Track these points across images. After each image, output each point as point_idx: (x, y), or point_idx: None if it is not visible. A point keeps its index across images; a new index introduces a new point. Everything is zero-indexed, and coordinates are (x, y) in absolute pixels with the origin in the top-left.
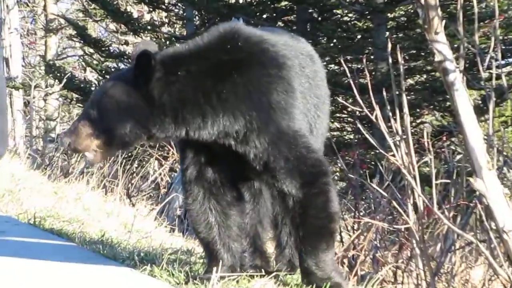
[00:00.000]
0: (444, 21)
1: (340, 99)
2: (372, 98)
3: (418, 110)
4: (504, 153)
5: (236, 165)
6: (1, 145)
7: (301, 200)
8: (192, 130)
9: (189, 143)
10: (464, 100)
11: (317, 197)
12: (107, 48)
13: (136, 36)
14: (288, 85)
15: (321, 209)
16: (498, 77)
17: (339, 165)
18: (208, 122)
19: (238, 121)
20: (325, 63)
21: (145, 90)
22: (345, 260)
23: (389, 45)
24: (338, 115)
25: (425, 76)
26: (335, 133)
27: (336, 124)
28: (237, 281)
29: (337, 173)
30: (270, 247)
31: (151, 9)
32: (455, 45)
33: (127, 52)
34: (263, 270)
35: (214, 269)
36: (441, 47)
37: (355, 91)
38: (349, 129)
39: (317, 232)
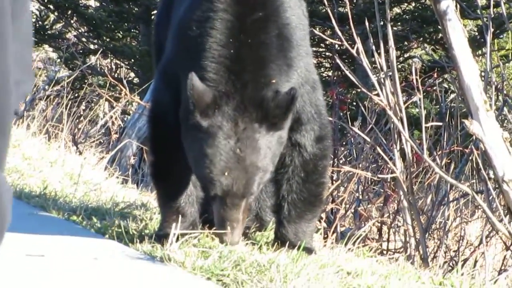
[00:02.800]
0: None
1: (316, 31)
2: (353, 30)
3: (405, 43)
4: (504, 92)
5: None
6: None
7: (309, 160)
8: None
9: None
10: (457, 31)
11: (321, 159)
12: None
13: None
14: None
15: (320, 174)
16: (497, 4)
17: None
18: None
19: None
20: None
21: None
22: (323, 215)
23: None
24: (314, 49)
25: (413, 4)
26: None
27: (313, 60)
28: (199, 239)
29: None
30: None
31: None
32: None
33: None
34: None
35: (174, 225)
36: None
37: (333, 21)
38: (327, 65)
39: (309, 200)
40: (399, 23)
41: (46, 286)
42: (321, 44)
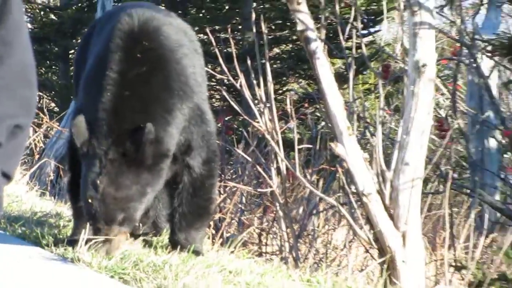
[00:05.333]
0: None
1: (208, 68)
2: (237, 67)
3: (284, 78)
4: (367, 120)
5: None
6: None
7: (196, 178)
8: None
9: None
10: (325, 68)
11: (207, 178)
12: None
13: None
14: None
15: (207, 191)
16: (359, 46)
17: None
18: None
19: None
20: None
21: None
22: (212, 223)
23: (253, 15)
24: (207, 83)
25: (290, 45)
26: None
27: (206, 94)
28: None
29: None
30: None
31: None
32: (318, 15)
33: None
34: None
35: (83, 231)
36: (303, 16)
37: (220, 60)
38: (217, 96)
39: (197, 212)
40: (278, 61)
41: None
42: (212, 79)
